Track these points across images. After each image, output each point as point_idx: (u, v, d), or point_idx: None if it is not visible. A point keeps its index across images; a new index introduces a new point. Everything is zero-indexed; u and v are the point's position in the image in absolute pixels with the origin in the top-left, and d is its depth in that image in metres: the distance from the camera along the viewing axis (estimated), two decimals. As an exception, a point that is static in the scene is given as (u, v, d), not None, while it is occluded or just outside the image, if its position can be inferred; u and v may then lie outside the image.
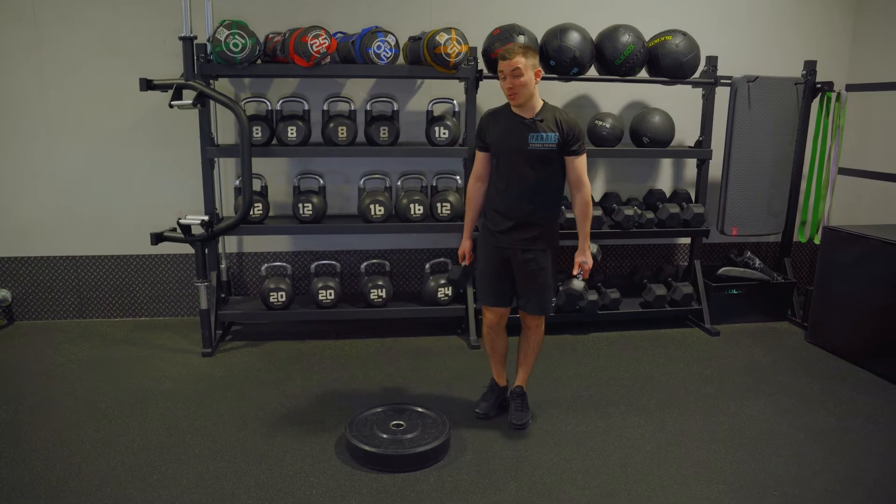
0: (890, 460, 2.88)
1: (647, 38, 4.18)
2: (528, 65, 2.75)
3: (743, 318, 4.62)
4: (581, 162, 2.89)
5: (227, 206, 4.31)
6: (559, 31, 4.01)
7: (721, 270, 4.69)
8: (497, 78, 2.88)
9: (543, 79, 4.12)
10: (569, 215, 3.94)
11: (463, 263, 3.17)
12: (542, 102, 2.89)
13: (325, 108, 4.05)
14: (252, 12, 4.12)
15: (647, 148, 4.32)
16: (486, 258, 3.04)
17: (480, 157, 3.01)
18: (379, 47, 3.78)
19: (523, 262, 2.94)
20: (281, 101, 4.06)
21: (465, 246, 3.16)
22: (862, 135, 4.87)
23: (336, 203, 4.44)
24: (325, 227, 4.16)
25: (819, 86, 4.56)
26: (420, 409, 3.02)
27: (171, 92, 3.66)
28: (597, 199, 4.58)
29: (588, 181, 2.91)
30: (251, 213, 3.92)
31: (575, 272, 2.98)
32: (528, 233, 2.92)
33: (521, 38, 3.93)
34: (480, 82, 4.04)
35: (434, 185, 4.24)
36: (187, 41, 3.69)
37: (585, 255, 2.96)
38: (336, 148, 3.99)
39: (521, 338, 3.15)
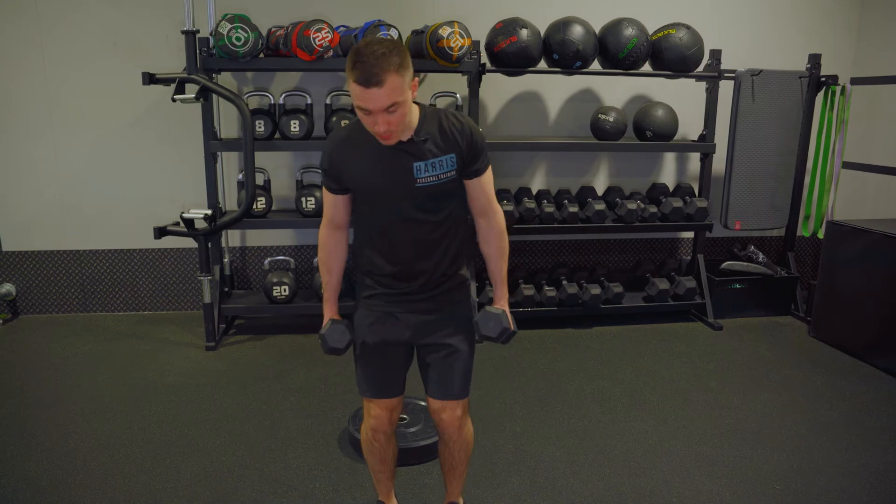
0: (893, 454, 2.87)
1: (650, 32, 4.16)
2: (404, 86, 1.74)
3: (746, 313, 4.61)
4: (487, 181, 1.98)
5: (230, 201, 4.31)
6: (562, 25, 3.99)
7: (724, 265, 4.69)
8: (500, 72, 2.25)
9: (546, 73, 4.18)
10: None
11: (340, 327, 2.06)
12: (417, 109, 1.89)
13: (328, 101, 4.04)
14: (254, 6, 4.12)
15: (651, 142, 4.31)
16: (372, 329, 2.04)
17: (335, 199, 2.00)
18: (381, 41, 3.76)
19: (431, 329, 2.04)
20: (283, 95, 4.07)
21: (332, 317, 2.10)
22: (866, 129, 4.85)
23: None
24: (327, 222, 4.16)
25: (823, 79, 4.54)
26: (423, 403, 3.01)
27: (173, 86, 3.67)
28: (599, 193, 4.57)
29: (499, 205, 2.03)
30: (254, 207, 3.92)
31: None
32: (432, 293, 2.03)
33: (524, 32, 3.91)
34: (483, 76, 4.02)
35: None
36: (190, 35, 3.68)
37: (504, 307, 2.07)
38: (339, 142, 3.99)
39: (441, 443, 2.21)
